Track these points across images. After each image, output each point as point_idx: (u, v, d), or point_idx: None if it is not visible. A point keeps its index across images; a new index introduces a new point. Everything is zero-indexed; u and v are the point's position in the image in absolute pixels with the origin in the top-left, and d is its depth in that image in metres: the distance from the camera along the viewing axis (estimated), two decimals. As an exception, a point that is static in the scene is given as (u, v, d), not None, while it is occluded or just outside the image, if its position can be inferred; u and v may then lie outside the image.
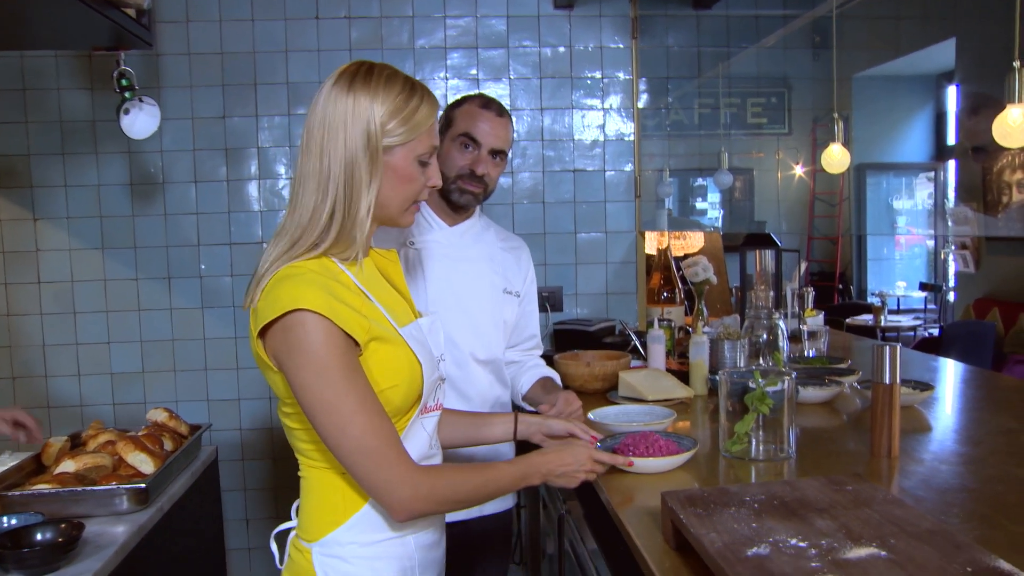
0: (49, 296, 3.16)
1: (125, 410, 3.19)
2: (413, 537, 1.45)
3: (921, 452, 1.79)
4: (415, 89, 1.39)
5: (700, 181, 5.27)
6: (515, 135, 3.25)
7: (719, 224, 5.51)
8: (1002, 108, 2.10)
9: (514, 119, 3.22)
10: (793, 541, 1.12)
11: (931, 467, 1.68)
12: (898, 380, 1.74)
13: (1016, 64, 2.06)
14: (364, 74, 1.37)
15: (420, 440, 1.45)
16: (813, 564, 1.05)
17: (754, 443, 1.77)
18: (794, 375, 1.80)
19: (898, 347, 1.74)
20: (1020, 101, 2.07)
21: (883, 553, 1.07)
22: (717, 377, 1.88)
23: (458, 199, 2.14)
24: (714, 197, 5.52)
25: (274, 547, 1.56)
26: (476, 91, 2.50)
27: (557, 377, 2.31)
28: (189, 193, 3.18)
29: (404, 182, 1.41)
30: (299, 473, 1.47)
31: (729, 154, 4.32)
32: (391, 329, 1.39)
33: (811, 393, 2.24)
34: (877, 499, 1.26)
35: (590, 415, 2.03)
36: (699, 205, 5.52)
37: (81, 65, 3.08)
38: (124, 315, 3.19)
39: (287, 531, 1.52)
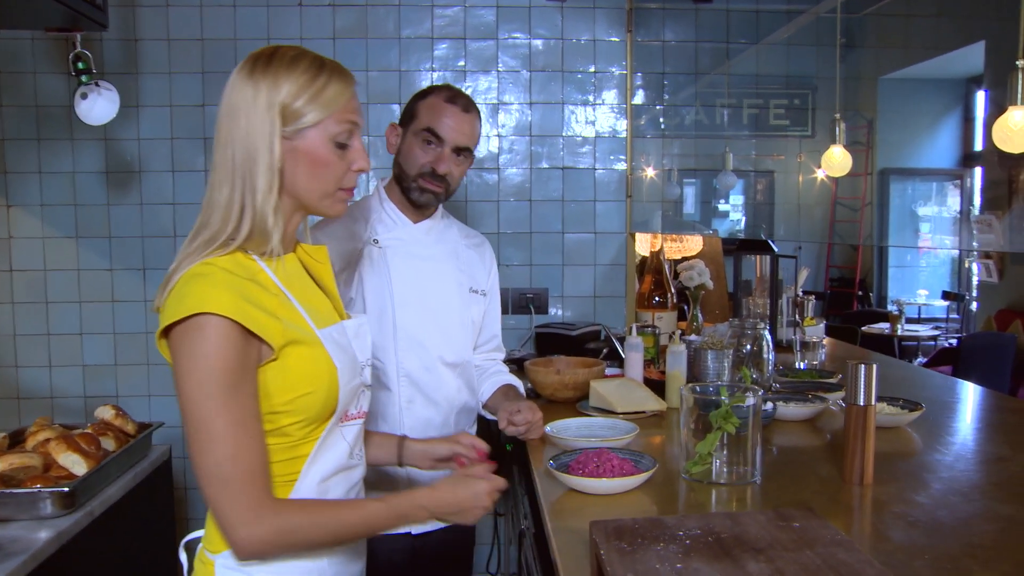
0: (21, 285, 3.08)
1: (97, 403, 3.08)
2: (327, 556, 1.35)
3: (898, 479, 1.65)
4: (323, 67, 1.31)
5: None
6: (503, 129, 3.13)
7: (741, 227, 5.35)
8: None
9: (502, 113, 3.12)
10: (716, 588, 1.00)
11: (905, 498, 1.54)
12: (873, 401, 1.60)
13: (1020, 64, 1.90)
14: (266, 58, 1.29)
15: (339, 450, 1.36)
16: (729, 619, 0.92)
17: (717, 464, 1.64)
18: (761, 392, 1.66)
19: (874, 366, 1.61)
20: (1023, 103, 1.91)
21: (812, 608, 0.94)
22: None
23: (418, 198, 2.03)
24: (737, 199, 5.37)
25: (183, 556, 1.47)
26: (444, 83, 2.38)
27: (520, 385, 2.20)
28: (166, 182, 3.09)
29: (319, 166, 1.31)
30: None
31: (740, 156, 4.16)
32: (309, 331, 1.30)
33: (792, 410, 2.10)
34: (823, 540, 1.13)
35: (547, 428, 1.91)
36: (721, 207, 5.38)
37: (57, 48, 3.00)
38: (98, 306, 3.11)
39: (198, 540, 1.43)
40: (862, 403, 1.60)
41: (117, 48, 2.99)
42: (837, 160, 2.85)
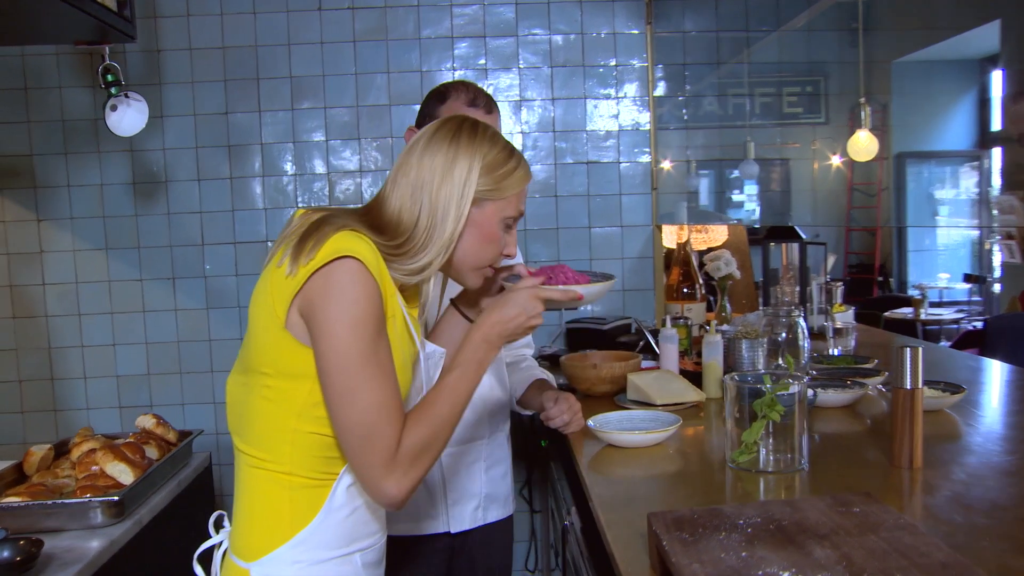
0: (54, 298, 3.11)
1: (132, 413, 3.13)
2: (360, 555, 1.36)
3: (948, 463, 1.64)
4: (514, 152, 1.39)
5: (736, 173, 5.11)
6: (526, 126, 3.13)
7: (756, 217, 5.33)
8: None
9: (524, 110, 3.12)
10: (786, 575, 0.99)
11: (958, 481, 1.53)
12: (920, 384, 1.59)
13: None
14: (470, 127, 1.37)
15: None
16: (803, 604, 0.92)
17: (763, 453, 1.64)
18: (806, 379, 1.66)
19: (920, 349, 1.60)
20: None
21: (886, 591, 0.94)
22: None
23: None
24: (751, 189, 5.35)
25: (199, 571, 1.41)
26: (460, 79, 2.35)
27: (551, 378, 2.20)
28: (192, 191, 3.11)
29: (486, 240, 1.37)
30: (238, 474, 1.35)
31: (756, 145, 4.14)
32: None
33: (831, 396, 2.09)
34: (887, 524, 1.13)
35: (589, 422, 1.91)
36: (735, 198, 5.37)
37: (82, 63, 3.02)
38: (129, 316, 3.13)
39: (211, 550, 1.41)
40: (909, 386, 1.59)
41: (140, 59, 3.01)
42: (863, 144, 2.83)
